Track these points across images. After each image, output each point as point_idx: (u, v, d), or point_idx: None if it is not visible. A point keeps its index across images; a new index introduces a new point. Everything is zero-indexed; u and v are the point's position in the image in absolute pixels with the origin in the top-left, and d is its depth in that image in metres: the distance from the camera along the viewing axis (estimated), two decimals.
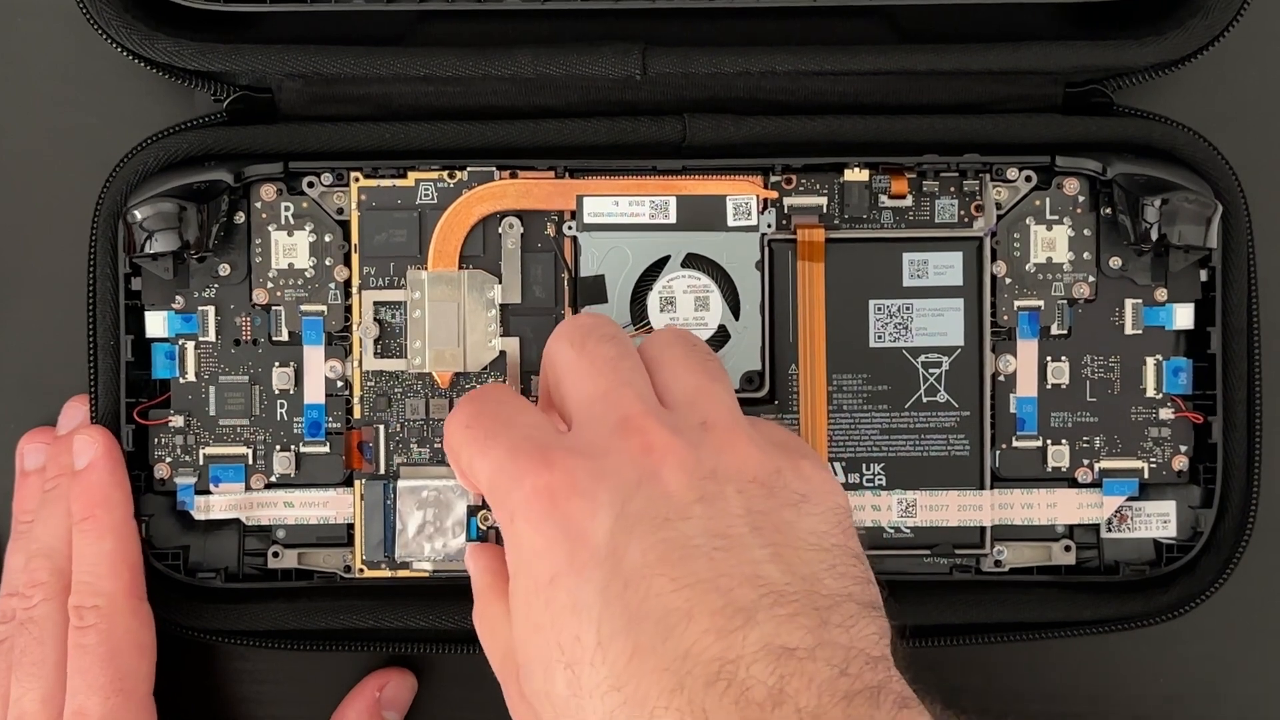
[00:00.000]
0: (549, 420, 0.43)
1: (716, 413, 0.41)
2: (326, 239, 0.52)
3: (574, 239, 0.52)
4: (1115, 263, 0.52)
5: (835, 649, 0.37)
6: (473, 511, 0.51)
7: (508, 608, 0.42)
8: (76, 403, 0.53)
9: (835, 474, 0.52)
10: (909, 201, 0.52)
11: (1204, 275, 0.52)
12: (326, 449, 0.52)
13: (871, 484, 0.52)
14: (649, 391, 0.42)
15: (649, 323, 0.52)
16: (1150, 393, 0.53)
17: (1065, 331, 0.53)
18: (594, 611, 0.37)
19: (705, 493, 0.39)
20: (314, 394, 0.52)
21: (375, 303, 0.52)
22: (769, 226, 0.52)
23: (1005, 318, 0.52)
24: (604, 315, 0.45)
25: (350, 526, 0.52)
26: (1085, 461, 0.53)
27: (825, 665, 0.36)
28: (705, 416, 0.41)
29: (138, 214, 0.50)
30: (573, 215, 0.52)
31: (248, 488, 0.52)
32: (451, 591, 0.51)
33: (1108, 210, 0.52)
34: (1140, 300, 0.52)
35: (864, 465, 0.52)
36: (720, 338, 0.52)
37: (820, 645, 0.36)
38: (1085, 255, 0.52)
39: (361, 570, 0.52)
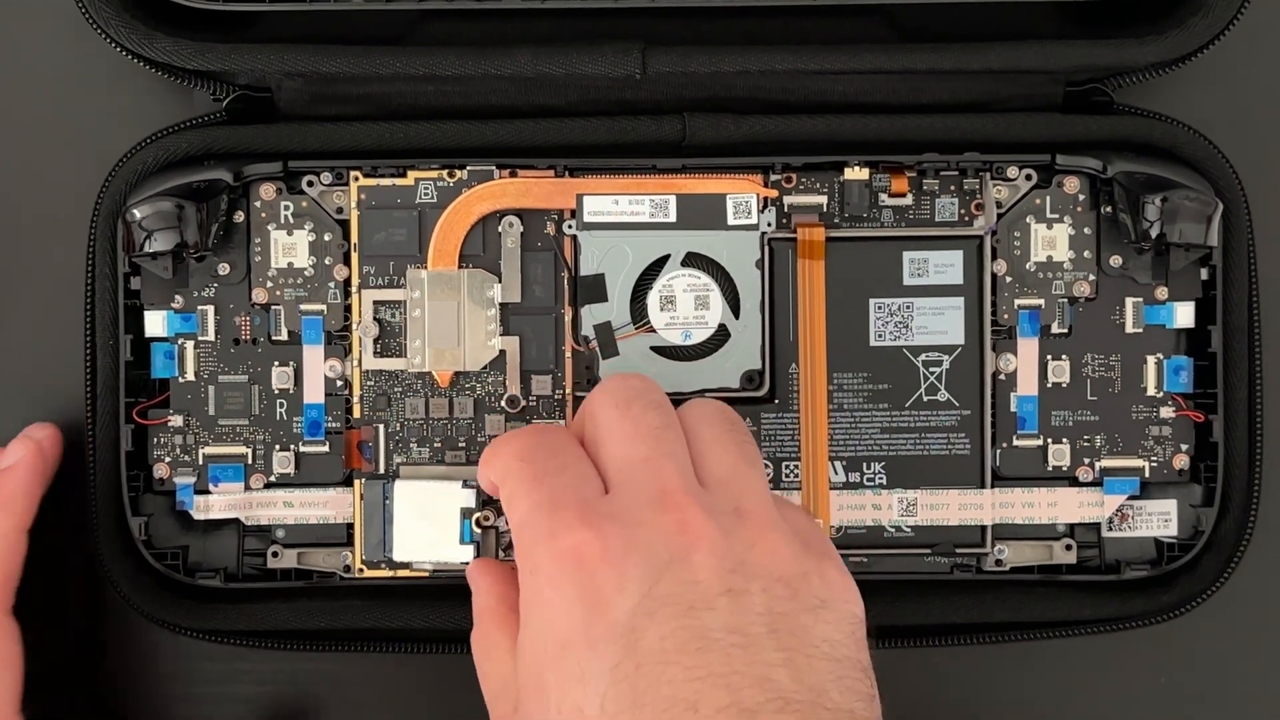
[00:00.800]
0: (597, 478, 0.42)
1: (751, 500, 0.41)
2: (326, 238, 0.52)
3: (574, 238, 0.52)
4: (1116, 261, 0.52)
5: None
6: (467, 514, 0.51)
7: (510, 639, 0.42)
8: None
9: (836, 473, 0.52)
10: (909, 200, 0.52)
11: (1204, 274, 0.52)
12: (326, 449, 0.52)
13: (872, 483, 0.52)
14: (689, 467, 0.42)
15: (649, 321, 0.52)
16: (1151, 391, 0.53)
17: (1066, 330, 0.53)
18: (600, 686, 0.37)
19: (732, 585, 0.38)
20: (313, 393, 0.52)
21: (375, 302, 0.52)
22: (769, 225, 0.52)
23: (1006, 316, 0.52)
24: (651, 380, 0.44)
25: (350, 526, 0.52)
26: (1086, 460, 0.53)
27: None
28: (739, 502, 0.41)
29: (137, 213, 0.50)
30: (573, 214, 0.52)
31: (247, 487, 0.52)
32: (451, 592, 0.51)
33: (1108, 209, 0.52)
34: (1141, 299, 0.52)
35: (864, 464, 0.52)
36: (720, 337, 0.52)
37: None
38: (1086, 254, 0.52)
39: (361, 570, 0.52)
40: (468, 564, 0.47)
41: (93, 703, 0.54)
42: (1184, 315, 0.52)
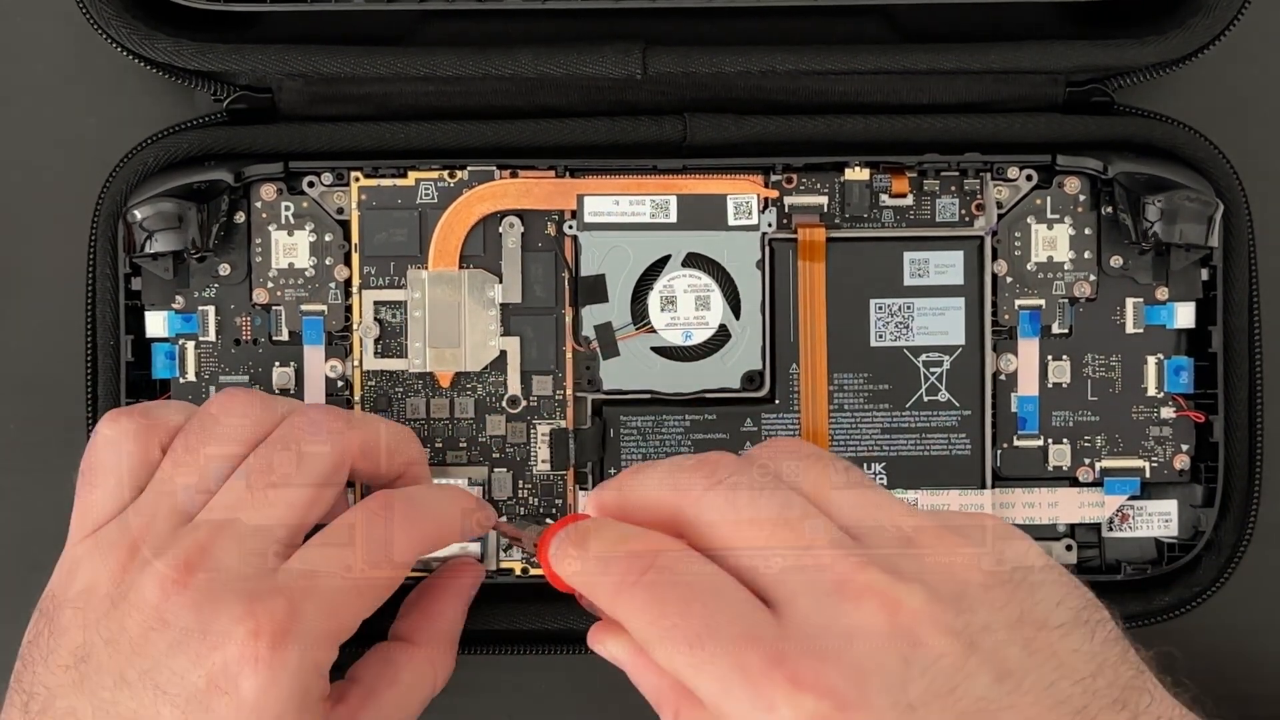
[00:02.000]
0: (749, 595, 0.37)
1: (901, 519, 0.38)
2: (327, 239, 0.52)
3: (574, 238, 0.52)
4: (1116, 261, 0.52)
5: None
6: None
7: None
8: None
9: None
10: (910, 200, 0.52)
11: (1205, 274, 0.52)
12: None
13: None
14: (838, 532, 0.38)
15: (649, 322, 0.52)
16: (1151, 392, 0.53)
17: (1066, 330, 0.53)
18: None
19: (970, 635, 0.35)
20: (314, 394, 0.52)
21: (375, 302, 0.52)
22: (770, 226, 0.52)
23: (1006, 317, 0.52)
24: (730, 458, 0.39)
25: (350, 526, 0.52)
26: (1086, 460, 0.53)
27: None
28: (901, 532, 0.38)
29: (138, 214, 0.50)
30: (573, 214, 0.52)
31: None
32: None
33: (1109, 209, 0.52)
34: (1141, 299, 0.52)
35: (865, 465, 0.52)
36: (721, 337, 0.52)
37: None
38: (1086, 254, 0.52)
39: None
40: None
41: None
42: (1184, 316, 0.52)
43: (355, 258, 0.52)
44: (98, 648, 0.41)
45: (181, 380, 0.52)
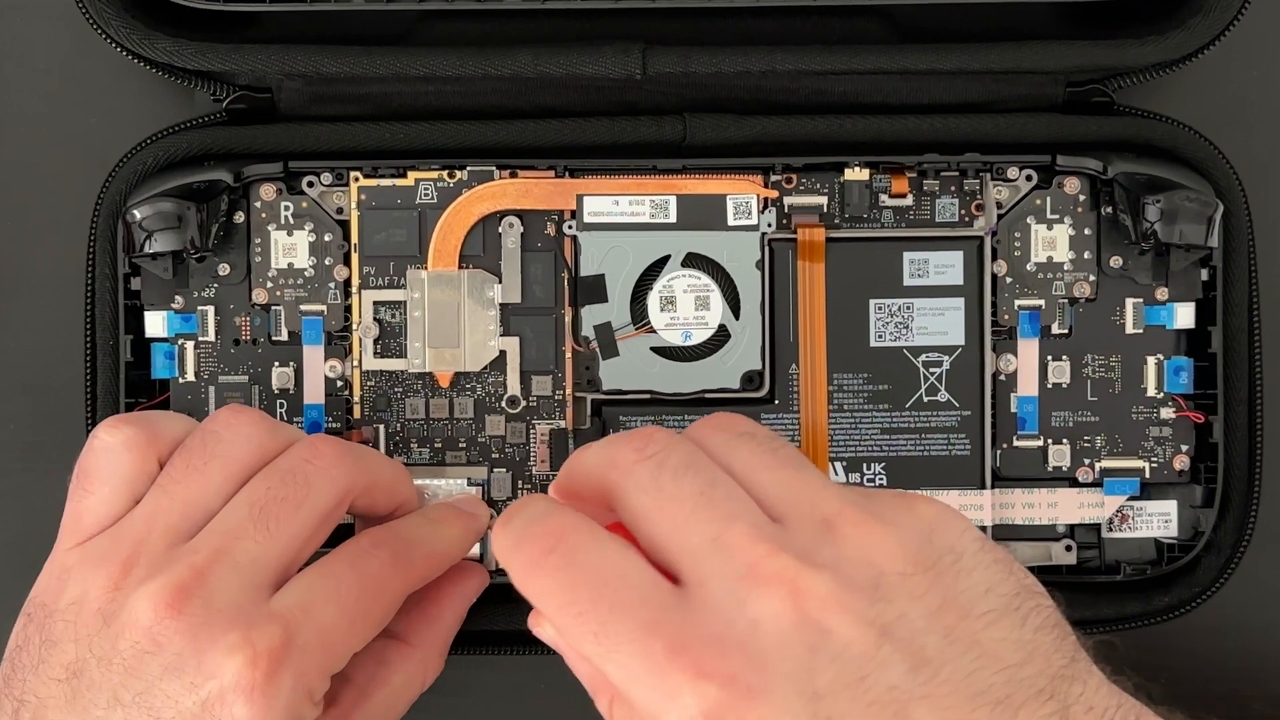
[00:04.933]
0: (655, 575, 0.36)
1: (825, 502, 0.37)
2: (326, 239, 0.52)
3: (574, 238, 0.52)
4: (1116, 262, 0.52)
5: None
6: None
7: None
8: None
9: (836, 473, 0.52)
10: (909, 201, 0.52)
11: (1205, 274, 0.52)
12: None
13: (872, 484, 0.52)
14: (758, 515, 0.37)
15: (649, 322, 0.52)
16: (1151, 392, 0.53)
17: (1066, 331, 0.53)
18: None
19: (883, 624, 0.34)
20: (314, 394, 0.52)
21: (375, 302, 0.52)
22: (769, 226, 0.52)
23: (1006, 317, 0.52)
24: (659, 431, 0.39)
25: (351, 526, 0.52)
26: (1086, 461, 0.53)
27: None
28: (821, 514, 0.36)
29: (137, 214, 0.50)
30: (573, 215, 0.52)
31: None
32: None
33: (1109, 209, 0.52)
34: (1141, 299, 0.52)
35: (865, 465, 0.52)
36: (720, 337, 0.52)
37: None
38: (1086, 254, 0.52)
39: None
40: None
41: None
42: (1184, 316, 0.52)
43: (355, 258, 0.52)
44: (90, 665, 0.41)
45: (181, 380, 0.52)
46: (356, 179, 0.52)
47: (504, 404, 0.52)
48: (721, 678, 0.34)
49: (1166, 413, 0.53)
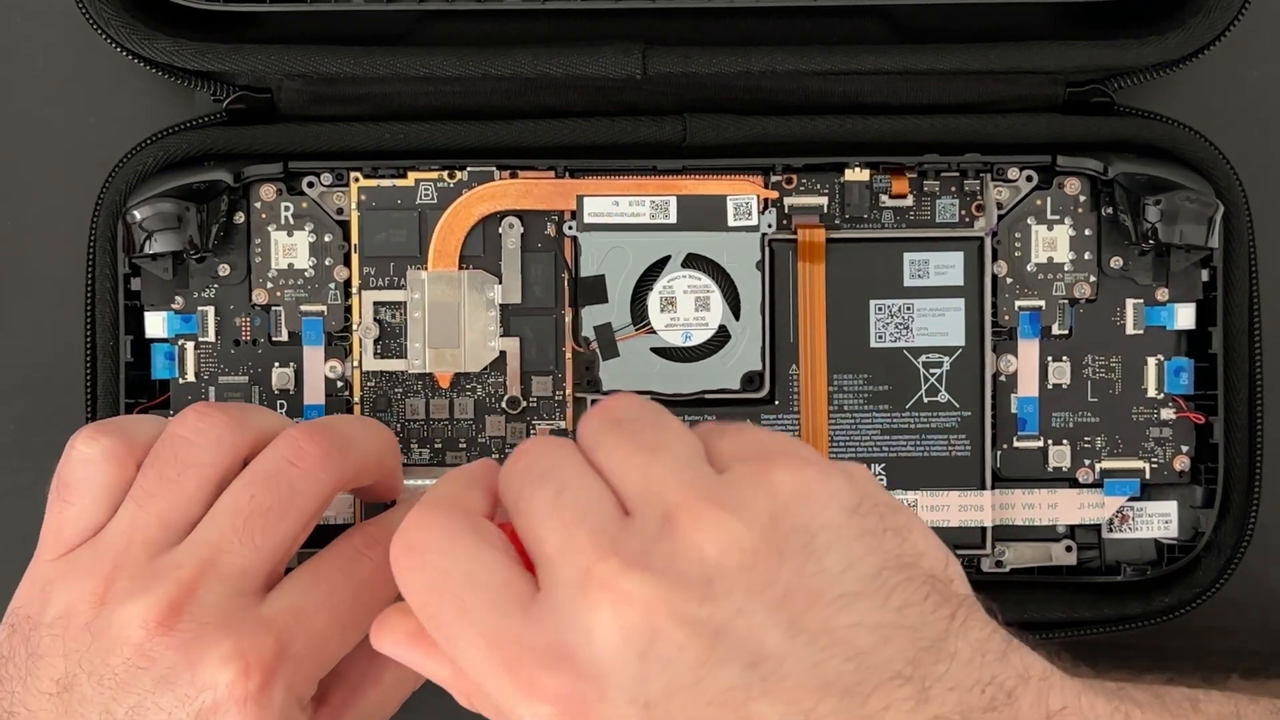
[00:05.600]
0: (509, 575, 0.36)
1: (669, 493, 0.35)
2: (326, 239, 0.52)
3: (574, 239, 0.52)
4: (1116, 262, 0.52)
5: (948, 713, 0.33)
6: None
7: None
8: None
9: None
10: (910, 201, 0.52)
11: (1205, 275, 0.52)
12: None
13: None
14: (604, 517, 0.35)
15: (649, 323, 0.52)
16: (1151, 393, 0.53)
17: (1066, 331, 0.52)
18: None
19: (716, 624, 0.33)
20: (314, 394, 0.52)
21: (375, 303, 0.52)
22: (769, 226, 0.52)
23: (1006, 318, 0.52)
24: (535, 441, 0.38)
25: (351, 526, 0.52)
26: (1086, 462, 0.53)
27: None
28: (664, 506, 0.35)
29: (137, 214, 0.50)
30: (573, 215, 0.52)
31: None
32: None
33: (1109, 210, 0.52)
34: (1141, 300, 0.52)
35: (865, 465, 0.52)
36: (720, 338, 0.52)
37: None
38: (1086, 255, 0.52)
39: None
40: None
41: None
42: (1184, 317, 0.52)
43: (355, 258, 0.52)
44: (81, 679, 0.41)
45: (181, 381, 0.52)
46: (356, 179, 0.52)
47: (504, 405, 0.52)
48: (552, 695, 0.34)
49: (1167, 413, 0.53)
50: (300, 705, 0.42)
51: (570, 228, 0.52)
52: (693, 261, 0.52)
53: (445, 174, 0.52)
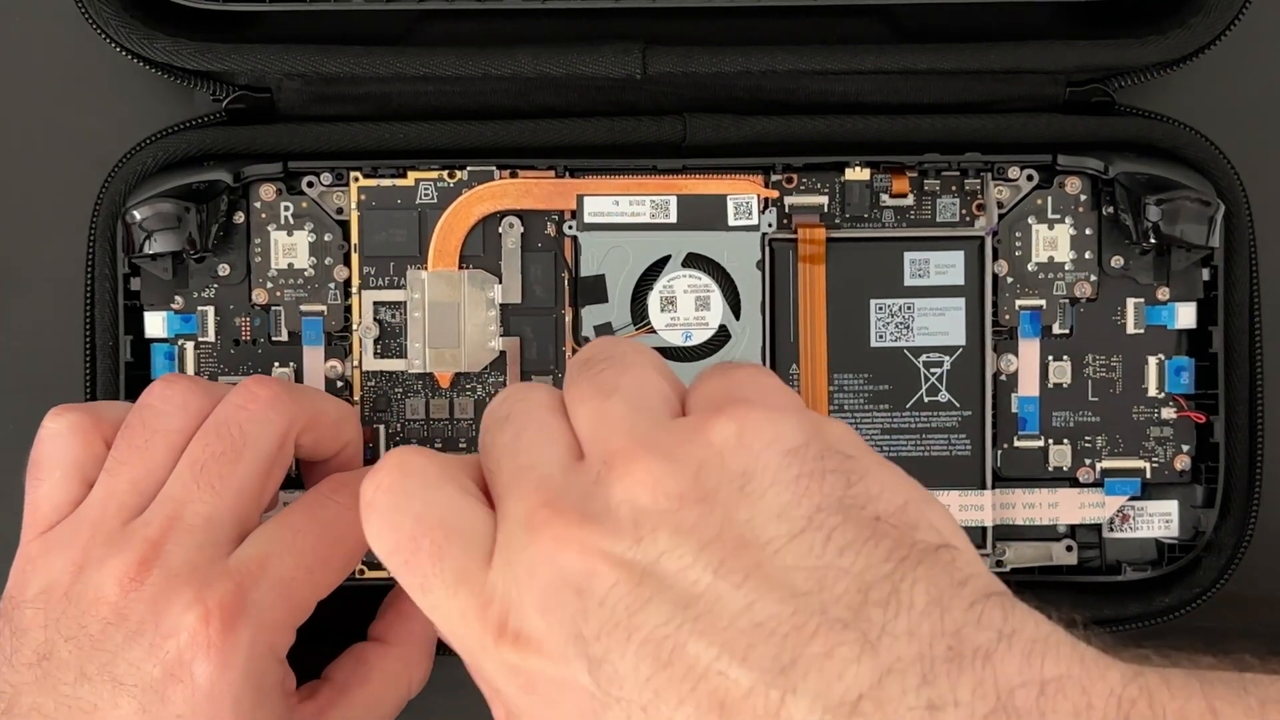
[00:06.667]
0: (475, 524, 0.36)
1: (612, 438, 0.35)
2: (326, 239, 0.52)
3: (574, 239, 0.52)
4: (1117, 262, 0.52)
5: (903, 665, 0.31)
6: None
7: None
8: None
9: None
10: (910, 200, 0.52)
11: (1206, 274, 0.52)
12: None
13: None
14: (556, 460, 0.36)
15: (649, 322, 0.52)
16: (1152, 392, 0.53)
17: (1067, 331, 0.52)
18: None
19: (645, 564, 0.33)
20: None
21: (375, 303, 0.52)
22: (770, 226, 0.52)
23: (1007, 317, 0.52)
24: (512, 387, 0.39)
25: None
26: (1087, 461, 0.53)
27: (902, 695, 0.30)
28: (606, 451, 0.35)
29: (137, 214, 0.50)
30: (573, 215, 0.52)
31: None
32: None
33: (1109, 209, 0.52)
34: (1142, 299, 0.52)
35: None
36: (721, 337, 0.52)
37: (885, 676, 0.31)
38: (1087, 254, 0.52)
39: (362, 571, 0.52)
40: None
41: None
42: (1185, 316, 0.52)
43: (355, 258, 0.52)
44: (59, 645, 0.41)
45: None
46: (356, 179, 0.52)
47: None
48: (509, 631, 0.34)
49: (1167, 413, 0.53)
50: (274, 656, 0.43)
51: (570, 227, 0.52)
52: (693, 261, 0.52)
53: (445, 174, 0.52)
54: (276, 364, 0.52)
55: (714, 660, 0.31)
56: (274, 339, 0.52)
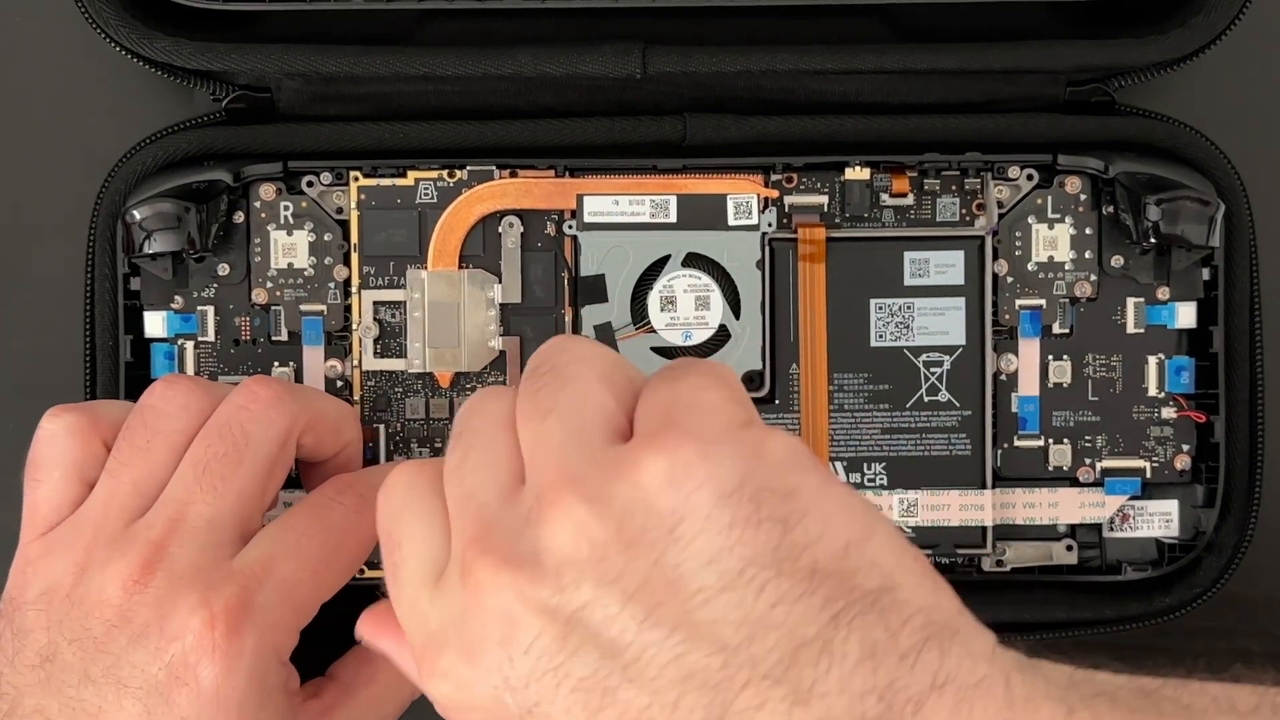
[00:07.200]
0: (425, 556, 0.36)
1: (545, 469, 0.34)
2: (326, 238, 0.52)
3: (574, 238, 0.52)
4: (1117, 261, 0.52)
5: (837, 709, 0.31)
6: None
7: None
8: None
9: (836, 473, 0.52)
10: (910, 200, 0.52)
11: (1206, 274, 0.52)
12: None
13: (873, 483, 0.52)
14: (493, 489, 0.35)
15: (649, 322, 0.52)
16: (1152, 392, 0.53)
17: (1067, 330, 0.52)
18: None
19: (569, 612, 0.33)
20: None
21: (375, 302, 0.52)
22: (770, 225, 0.52)
23: (1007, 317, 0.52)
24: (480, 392, 0.38)
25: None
26: (1087, 461, 0.53)
27: None
28: (538, 484, 0.34)
29: (136, 214, 0.50)
30: (573, 214, 0.52)
31: None
32: None
33: (1110, 209, 0.52)
34: (1142, 299, 0.52)
35: (865, 465, 0.52)
36: (721, 337, 0.52)
37: None
38: (1087, 254, 0.52)
39: (362, 571, 0.52)
40: None
41: None
42: (1185, 315, 0.52)
43: (354, 257, 0.52)
44: (62, 647, 0.41)
45: None
46: (356, 179, 0.52)
47: None
48: (442, 674, 0.35)
49: (1168, 412, 0.53)
50: (279, 658, 0.43)
51: (570, 227, 0.52)
52: (693, 261, 0.52)
53: (445, 173, 0.52)
54: (276, 364, 0.52)
55: (644, 709, 0.32)
56: (274, 339, 0.52)
